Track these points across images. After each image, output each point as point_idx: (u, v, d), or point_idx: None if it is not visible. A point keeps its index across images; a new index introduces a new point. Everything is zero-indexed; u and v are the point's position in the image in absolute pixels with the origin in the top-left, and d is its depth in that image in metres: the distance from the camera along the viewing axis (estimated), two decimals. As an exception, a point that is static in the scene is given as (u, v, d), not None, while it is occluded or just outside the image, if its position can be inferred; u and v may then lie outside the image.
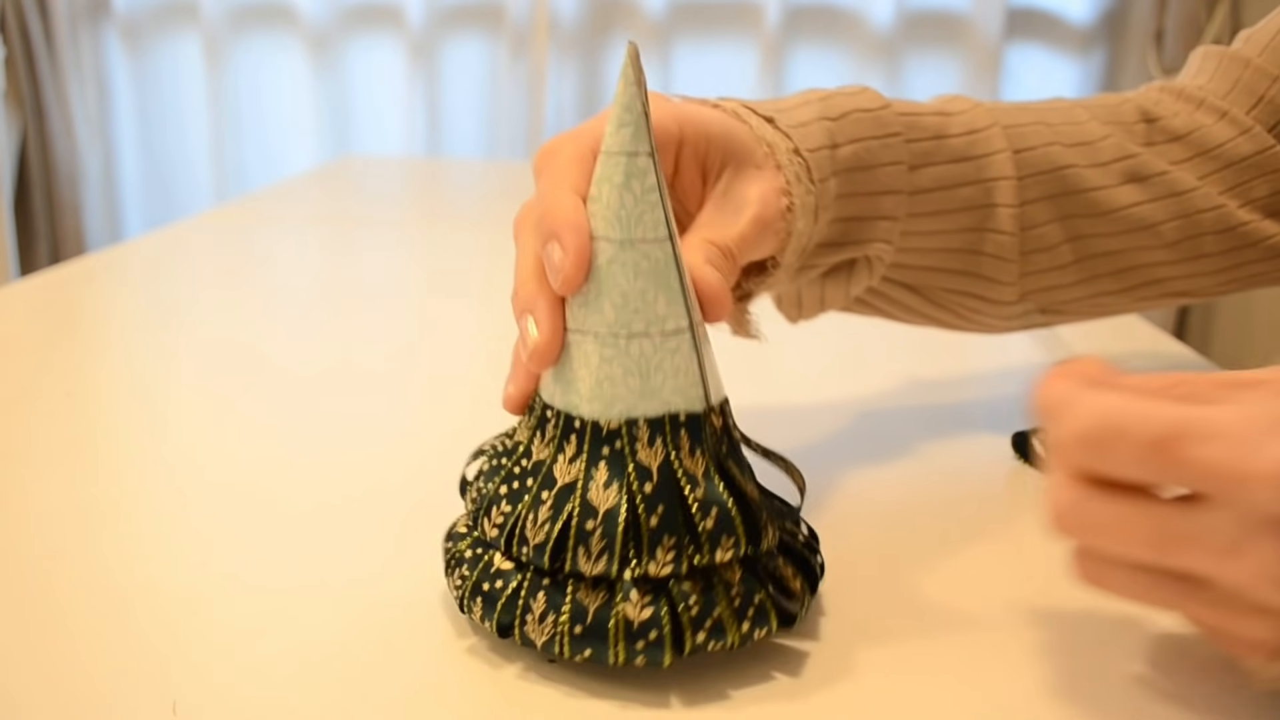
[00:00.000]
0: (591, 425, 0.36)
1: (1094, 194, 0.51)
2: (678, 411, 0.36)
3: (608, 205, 0.36)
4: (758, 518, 0.36)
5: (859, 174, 0.47)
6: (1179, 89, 0.56)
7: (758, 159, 0.43)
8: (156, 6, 2.35)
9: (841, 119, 0.47)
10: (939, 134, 0.49)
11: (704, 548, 0.35)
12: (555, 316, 0.37)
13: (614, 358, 0.36)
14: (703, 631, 0.35)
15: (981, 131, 0.50)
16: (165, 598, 0.40)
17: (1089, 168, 0.51)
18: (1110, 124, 0.54)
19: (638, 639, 0.34)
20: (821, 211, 0.45)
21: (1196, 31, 2.00)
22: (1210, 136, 0.53)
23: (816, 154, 0.45)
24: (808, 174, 0.44)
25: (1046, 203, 0.51)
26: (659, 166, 0.36)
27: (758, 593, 0.36)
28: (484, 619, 0.36)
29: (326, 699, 0.34)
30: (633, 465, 0.35)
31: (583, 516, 0.35)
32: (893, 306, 0.53)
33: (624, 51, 0.38)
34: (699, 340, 0.37)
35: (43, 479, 0.50)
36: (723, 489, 0.36)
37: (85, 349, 0.70)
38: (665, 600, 0.35)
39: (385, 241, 1.04)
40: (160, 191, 2.45)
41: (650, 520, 0.35)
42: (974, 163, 0.49)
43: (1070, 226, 0.52)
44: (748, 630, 0.35)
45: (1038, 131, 0.52)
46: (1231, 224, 0.53)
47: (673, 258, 0.36)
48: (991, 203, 0.50)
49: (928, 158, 0.49)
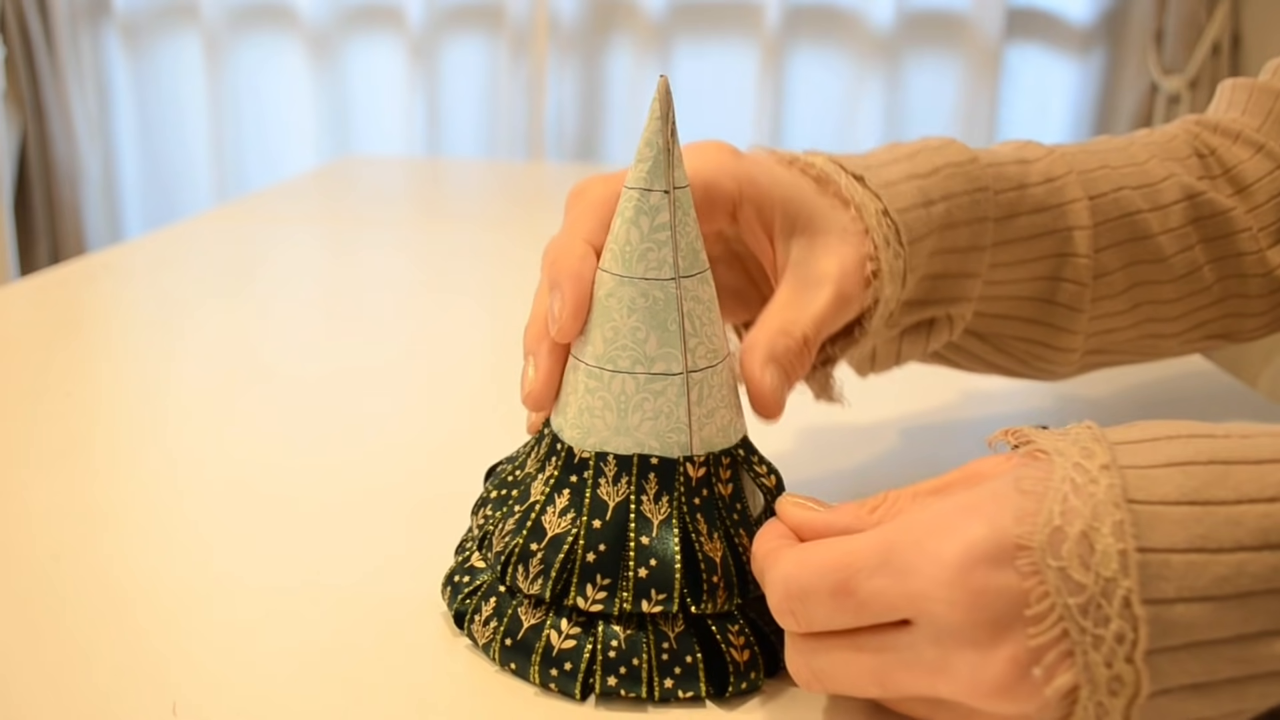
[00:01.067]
0: (567, 450, 0.37)
1: (1155, 240, 0.50)
2: (650, 454, 0.36)
3: (615, 239, 0.36)
4: (706, 579, 0.35)
5: (949, 231, 0.45)
6: (1214, 123, 0.55)
7: (841, 225, 0.42)
8: (156, 6, 2.35)
9: (932, 175, 0.45)
10: (1021, 184, 0.48)
11: (630, 595, 0.34)
12: (553, 363, 0.38)
13: (596, 390, 0.36)
14: (614, 676, 0.34)
15: (1059, 179, 0.49)
16: (165, 598, 0.40)
17: (1152, 212, 0.50)
18: (1169, 161, 0.52)
19: (554, 665, 0.35)
20: (910, 274, 0.44)
21: (1196, 31, 2.00)
22: (1246, 173, 0.52)
23: (907, 214, 0.43)
24: (897, 237, 0.43)
25: (1115, 250, 0.50)
26: (680, 206, 0.35)
27: (691, 653, 0.35)
28: (448, 605, 0.38)
29: (326, 699, 0.34)
30: (590, 498, 0.36)
31: (530, 537, 0.36)
32: (960, 356, 0.51)
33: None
34: (693, 387, 0.36)
35: (43, 479, 0.50)
36: (675, 542, 0.35)
37: (85, 349, 0.70)
38: (592, 637, 0.35)
39: (385, 241, 1.04)
40: (160, 191, 2.45)
41: (587, 556, 0.35)
42: (1053, 212, 0.48)
43: (1133, 274, 0.50)
44: (670, 687, 0.34)
45: (1107, 176, 0.50)
46: (1270, 267, 0.52)
47: (675, 300, 0.35)
48: (1068, 252, 0.49)
49: (1012, 209, 0.47)
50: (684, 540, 0.35)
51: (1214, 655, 0.27)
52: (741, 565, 0.36)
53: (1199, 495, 0.27)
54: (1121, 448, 0.29)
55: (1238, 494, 0.27)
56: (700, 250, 0.36)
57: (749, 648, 0.35)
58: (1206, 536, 0.27)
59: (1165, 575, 0.27)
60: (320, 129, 2.33)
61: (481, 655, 0.37)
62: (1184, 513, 0.27)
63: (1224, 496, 0.27)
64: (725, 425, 0.37)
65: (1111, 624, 0.27)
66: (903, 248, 0.43)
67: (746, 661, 0.35)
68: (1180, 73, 2.01)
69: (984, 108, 2.12)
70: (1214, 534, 0.27)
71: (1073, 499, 0.28)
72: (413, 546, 0.44)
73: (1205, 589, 0.27)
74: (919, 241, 0.44)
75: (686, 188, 0.36)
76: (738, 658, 0.35)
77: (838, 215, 0.42)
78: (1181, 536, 0.27)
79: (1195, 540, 0.27)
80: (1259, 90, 0.54)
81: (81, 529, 0.45)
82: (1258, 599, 0.27)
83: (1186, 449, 0.29)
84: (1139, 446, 0.29)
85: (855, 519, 0.33)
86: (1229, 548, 0.27)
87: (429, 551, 0.42)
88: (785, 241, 0.42)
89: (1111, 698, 0.27)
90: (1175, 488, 0.28)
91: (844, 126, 2.18)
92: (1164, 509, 0.27)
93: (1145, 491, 0.28)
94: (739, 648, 0.35)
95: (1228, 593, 0.27)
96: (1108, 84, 2.15)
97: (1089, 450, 0.29)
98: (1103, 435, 0.30)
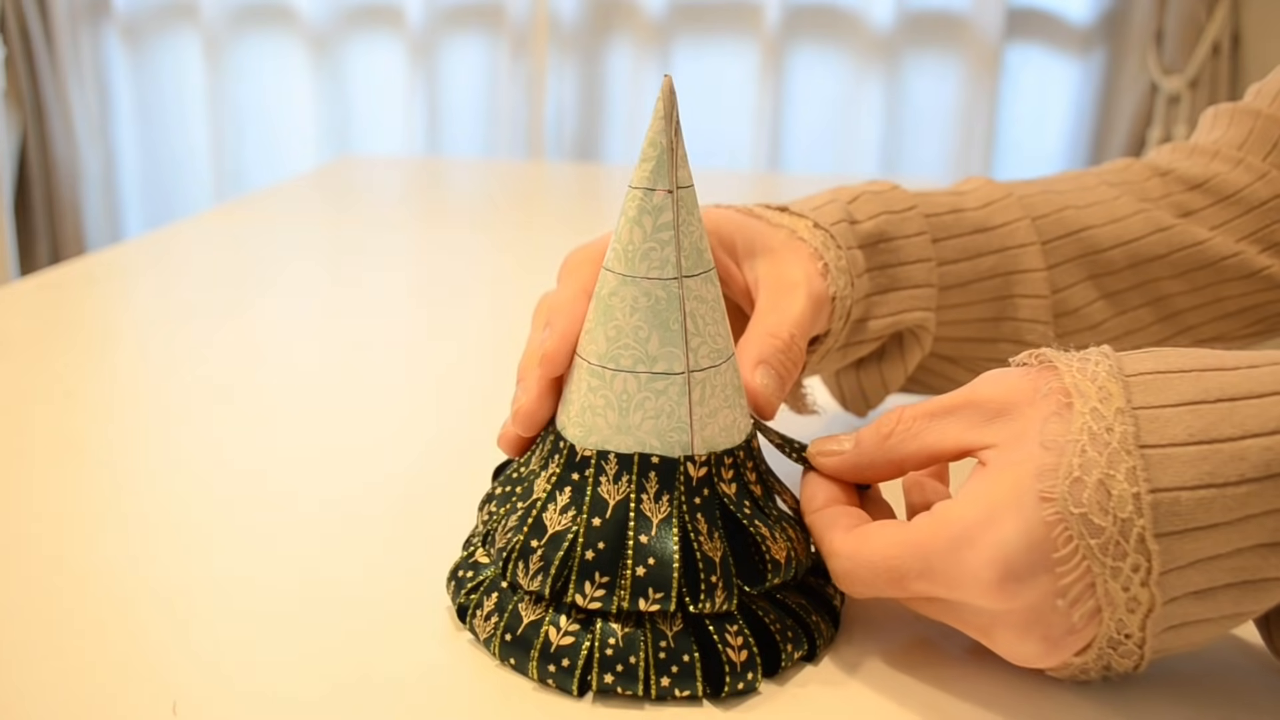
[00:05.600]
0: (570, 449, 0.37)
1: (1113, 251, 0.52)
2: (650, 453, 0.36)
3: (618, 238, 0.36)
4: (704, 578, 0.35)
5: (883, 246, 0.48)
6: (1191, 145, 0.56)
7: (780, 242, 0.45)
8: (156, 6, 2.35)
9: (854, 201, 0.49)
10: (955, 208, 0.51)
11: (627, 593, 0.35)
12: (543, 388, 0.39)
13: (599, 388, 0.36)
14: (611, 674, 0.34)
15: (997, 202, 0.51)
16: (165, 597, 0.40)
17: (1105, 225, 0.52)
18: (1119, 185, 0.54)
19: (551, 661, 0.35)
20: (856, 279, 0.46)
21: (1196, 31, 2.00)
22: (1228, 183, 0.54)
23: (837, 226, 0.47)
24: (833, 241, 0.46)
25: (1072, 264, 0.52)
26: (684, 206, 0.35)
27: (688, 652, 0.35)
28: (452, 599, 0.39)
29: (326, 697, 0.34)
30: (590, 496, 0.36)
31: (531, 534, 0.36)
32: (939, 380, 0.54)
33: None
34: (694, 387, 0.36)
35: (43, 479, 0.50)
36: (674, 541, 0.35)
37: (85, 349, 0.70)
38: (590, 634, 0.35)
39: (385, 241, 1.04)
40: (160, 191, 2.45)
41: (586, 554, 0.35)
42: (995, 232, 0.51)
43: (1100, 285, 0.52)
44: (667, 685, 0.34)
45: (1049, 199, 0.53)
46: (1253, 269, 0.53)
47: (677, 299, 0.35)
48: (1018, 269, 0.51)
49: (948, 230, 0.50)
50: (683, 539, 0.35)
51: (1215, 567, 0.31)
52: (744, 564, 0.36)
53: (1206, 435, 0.30)
54: (1136, 383, 0.32)
55: (1242, 430, 0.30)
56: (705, 250, 0.36)
57: (747, 648, 0.35)
58: (1213, 473, 0.30)
59: (1176, 511, 0.30)
60: (320, 129, 2.33)
61: (483, 652, 0.37)
62: (1192, 453, 0.30)
63: (1229, 434, 0.30)
64: (728, 425, 0.37)
65: (1129, 557, 0.30)
66: (841, 250, 0.46)
67: (744, 662, 0.35)
68: (1180, 73, 2.02)
69: (984, 108, 2.12)
70: (1220, 470, 0.30)
71: (1090, 450, 0.31)
72: (411, 544, 0.44)
73: (1212, 519, 0.30)
74: (854, 249, 0.47)
75: (691, 188, 0.36)
76: (734, 658, 0.35)
77: (778, 234, 0.46)
78: (1190, 475, 0.30)
79: (1203, 477, 0.30)
80: (1239, 112, 0.56)
81: (81, 529, 0.45)
82: (1258, 520, 0.30)
83: (1195, 387, 0.31)
84: (1152, 381, 0.32)
85: (876, 449, 0.37)
86: (1234, 481, 0.30)
87: (427, 550, 0.42)
88: (750, 262, 0.45)
89: (1129, 614, 0.31)
90: (1184, 429, 0.31)
91: (844, 126, 2.18)
92: (1174, 450, 0.30)
93: (1156, 435, 0.31)
94: (736, 648, 0.35)
95: (1232, 519, 0.30)
96: (1108, 84, 2.15)
97: (1106, 392, 0.32)
98: (1119, 369, 0.33)
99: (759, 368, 0.41)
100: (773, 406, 0.41)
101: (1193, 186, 0.54)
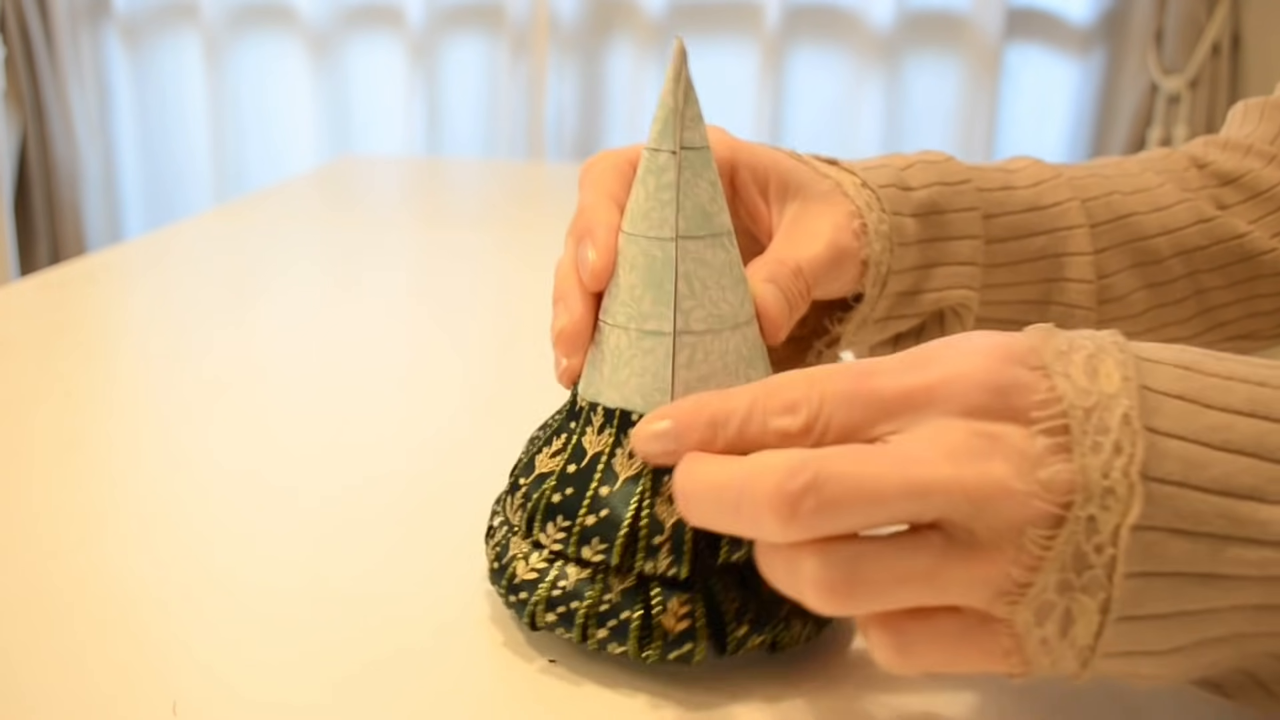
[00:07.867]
0: (572, 398, 0.38)
1: (1158, 240, 0.51)
2: (632, 410, 0.36)
3: (630, 196, 0.37)
4: (647, 538, 0.34)
5: (935, 218, 0.47)
6: (1223, 140, 0.56)
7: (825, 190, 0.44)
8: (156, 6, 2.35)
9: (908, 168, 0.47)
10: (1006, 185, 0.49)
11: (575, 540, 0.35)
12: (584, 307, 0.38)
13: (599, 341, 0.37)
14: (554, 614, 0.35)
15: (1047, 182, 0.50)
16: (165, 597, 0.40)
17: (1150, 213, 0.51)
18: (1163, 173, 0.53)
19: (514, 593, 0.37)
20: (899, 247, 0.45)
21: (1196, 31, 2.00)
22: (1261, 179, 0.53)
23: (886, 189, 0.45)
24: (879, 204, 0.45)
25: (1117, 250, 0.51)
26: (690, 167, 0.36)
27: (629, 610, 0.35)
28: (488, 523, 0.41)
29: (327, 698, 0.34)
30: (574, 444, 0.37)
31: (522, 472, 0.38)
32: None
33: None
34: (681, 349, 0.35)
35: (43, 479, 0.50)
36: (635, 499, 0.35)
37: (85, 349, 0.70)
38: (551, 573, 0.36)
39: (385, 241, 1.04)
40: (160, 191, 2.45)
41: (554, 496, 0.36)
42: (1045, 212, 0.49)
43: (1142, 274, 0.51)
44: (603, 638, 0.35)
45: (1097, 183, 0.52)
46: None
47: (673, 260, 0.35)
48: (1066, 251, 0.50)
49: (1001, 207, 0.49)
50: (643, 499, 0.35)
51: (1202, 503, 0.28)
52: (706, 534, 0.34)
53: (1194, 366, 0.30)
54: None
55: (1229, 373, 0.29)
56: (714, 214, 0.36)
57: (689, 619, 0.35)
58: (1200, 393, 0.29)
59: (1162, 410, 0.28)
60: (320, 129, 2.33)
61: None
62: (1180, 373, 0.29)
63: (1216, 370, 0.29)
64: None
65: (1111, 434, 0.28)
66: (885, 214, 0.44)
67: (682, 632, 0.34)
68: (1180, 73, 2.02)
69: (984, 108, 2.12)
70: (1206, 393, 0.29)
71: (1079, 339, 0.30)
72: (411, 544, 0.44)
73: (1197, 433, 0.28)
74: (903, 217, 0.45)
75: (702, 149, 0.36)
76: (670, 625, 0.34)
77: (822, 183, 0.44)
78: (1177, 387, 0.29)
79: (1190, 393, 0.29)
80: (1270, 106, 0.56)
81: (81, 529, 0.45)
82: (1244, 459, 0.28)
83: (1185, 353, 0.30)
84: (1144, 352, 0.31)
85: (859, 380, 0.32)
86: (1219, 406, 0.29)
87: (427, 550, 0.43)
88: (780, 204, 0.44)
89: (1104, 512, 0.28)
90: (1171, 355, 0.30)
91: (844, 126, 2.18)
92: (1161, 366, 0.29)
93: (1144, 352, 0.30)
94: (677, 617, 0.34)
95: (1217, 442, 0.28)
96: (1108, 84, 2.15)
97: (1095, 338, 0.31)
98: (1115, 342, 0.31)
99: (767, 284, 0.40)
100: (778, 325, 0.39)
101: (1226, 182, 0.54)
